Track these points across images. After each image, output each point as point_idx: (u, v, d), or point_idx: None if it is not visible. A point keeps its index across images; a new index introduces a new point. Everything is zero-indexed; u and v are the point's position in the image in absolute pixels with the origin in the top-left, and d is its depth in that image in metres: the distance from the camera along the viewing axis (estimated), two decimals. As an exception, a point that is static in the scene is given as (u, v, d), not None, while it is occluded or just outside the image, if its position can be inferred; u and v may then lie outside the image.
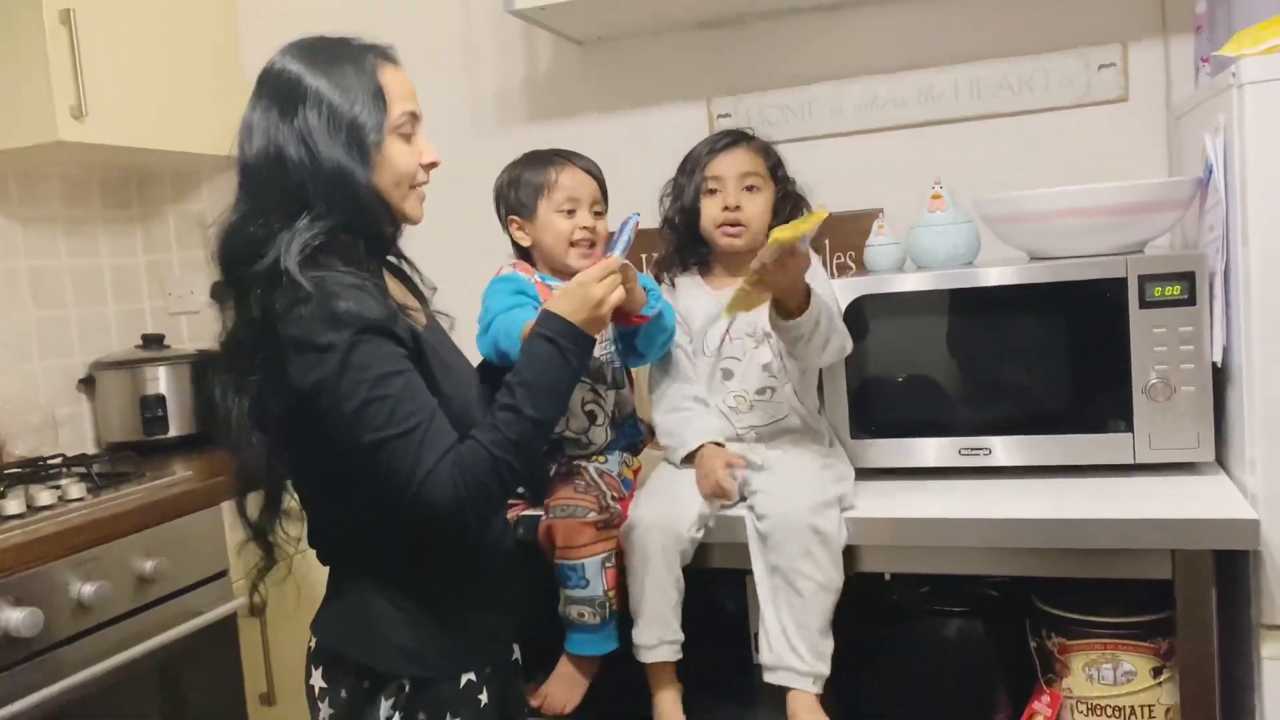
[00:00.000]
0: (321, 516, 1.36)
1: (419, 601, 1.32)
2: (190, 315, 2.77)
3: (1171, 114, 2.03)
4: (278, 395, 1.24)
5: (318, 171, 1.25)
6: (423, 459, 1.20)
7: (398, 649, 1.30)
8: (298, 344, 1.20)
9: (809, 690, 1.57)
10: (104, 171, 2.68)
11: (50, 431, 2.32)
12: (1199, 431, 1.60)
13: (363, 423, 1.20)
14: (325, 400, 1.20)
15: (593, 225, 1.72)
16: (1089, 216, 1.65)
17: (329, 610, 1.38)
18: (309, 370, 1.20)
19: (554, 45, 2.43)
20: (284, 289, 1.21)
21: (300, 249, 1.23)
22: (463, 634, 1.35)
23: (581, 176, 1.75)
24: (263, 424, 1.27)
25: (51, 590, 1.64)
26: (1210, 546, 1.43)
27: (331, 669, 1.35)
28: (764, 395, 1.73)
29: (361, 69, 1.30)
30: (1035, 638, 1.69)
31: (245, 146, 1.30)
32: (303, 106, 1.26)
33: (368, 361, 1.20)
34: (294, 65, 1.30)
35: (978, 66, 2.15)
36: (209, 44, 2.56)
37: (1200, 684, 1.45)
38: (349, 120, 1.26)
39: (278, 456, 1.30)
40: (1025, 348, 1.70)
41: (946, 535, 1.54)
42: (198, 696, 1.90)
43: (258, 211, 1.27)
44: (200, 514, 1.94)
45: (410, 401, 1.22)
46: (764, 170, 1.76)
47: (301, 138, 1.25)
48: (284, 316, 1.21)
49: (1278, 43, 1.43)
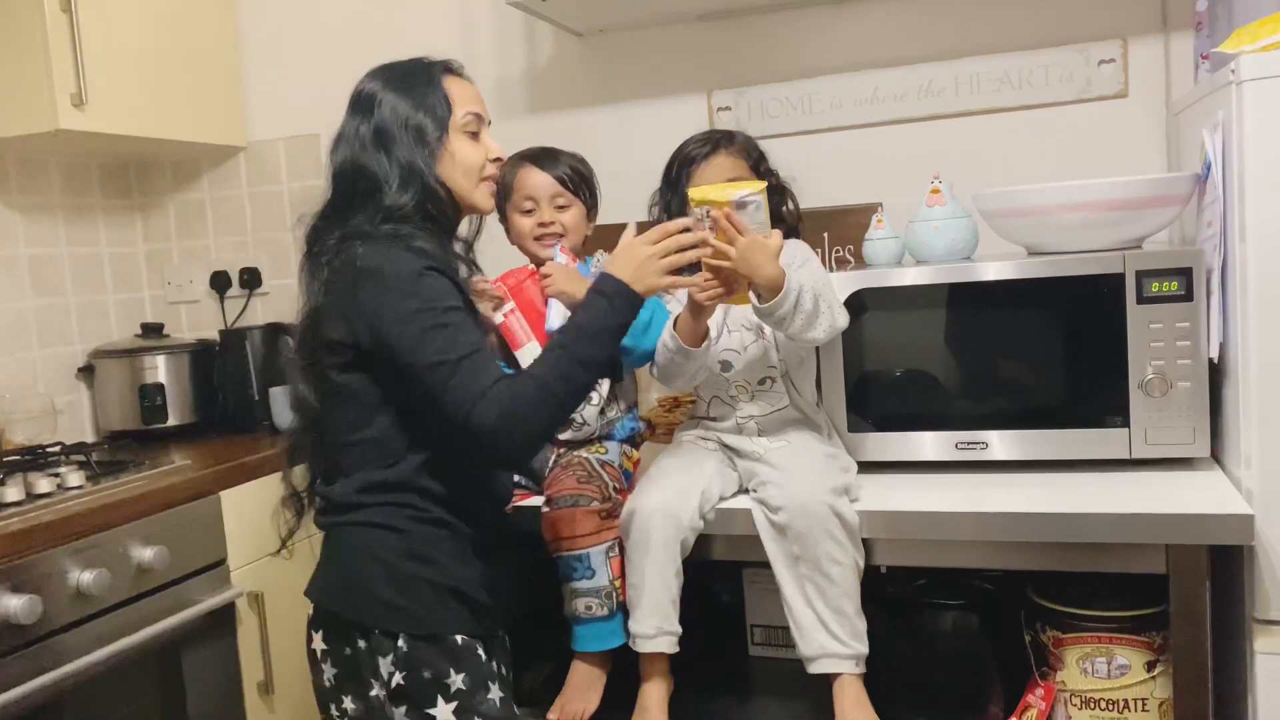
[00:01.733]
0: (341, 458, 1.46)
1: (411, 562, 1.41)
2: (189, 304, 2.77)
3: (1171, 110, 2.03)
4: (343, 319, 1.39)
5: (391, 165, 1.44)
6: (478, 381, 1.33)
7: (385, 604, 1.40)
8: (372, 272, 1.36)
9: (854, 672, 1.56)
10: (104, 160, 2.67)
11: (49, 419, 2.32)
12: (1195, 427, 1.61)
13: (427, 345, 1.34)
14: (391, 322, 1.35)
15: (551, 220, 1.83)
16: (1087, 212, 1.66)
17: (323, 573, 1.49)
18: (380, 294, 1.35)
19: (554, 37, 2.43)
20: (362, 238, 1.40)
21: (376, 218, 1.42)
22: (452, 598, 1.43)
23: (537, 176, 1.83)
24: (318, 357, 1.43)
25: (50, 578, 1.64)
26: (1205, 541, 1.44)
27: (329, 630, 1.47)
28: (764, 385, 1.74)
29: (429, 80, 1.49)
30: (1030, 631, 1.70)
31: (333, 156, 1.50)
32: (377, 113, 1.46)
33: (434, 294, 1.36)
34: (372, 83, 1.50)
35: (978, 61, 2.15)
36: (209, 33, 2.56)
37: (1193, 678, 1.46)
38: (416, 122, 1.46)
39: (321, 389, 1.45)
40: (1023, 342, 1.70)
41: (943, 528, 1.55)
42: (196, 684, 1.91)
43: (344, 203, 1.46)
44: (199, 502, 1.95)
45: (469, 333, 1.38)
46: (747, 170, 1.78)
47: (377, 140, 1.45)
48: (361, 253, 1.37)
49: (1276, 40, 1.43)
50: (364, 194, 1.44)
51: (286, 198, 2.67)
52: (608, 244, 2.27)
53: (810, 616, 1.56)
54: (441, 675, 1.39)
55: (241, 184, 2.72)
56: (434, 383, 1.34)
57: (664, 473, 1.69)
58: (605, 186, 1.93)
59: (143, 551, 1.80)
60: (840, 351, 1.76)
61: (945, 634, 1.71)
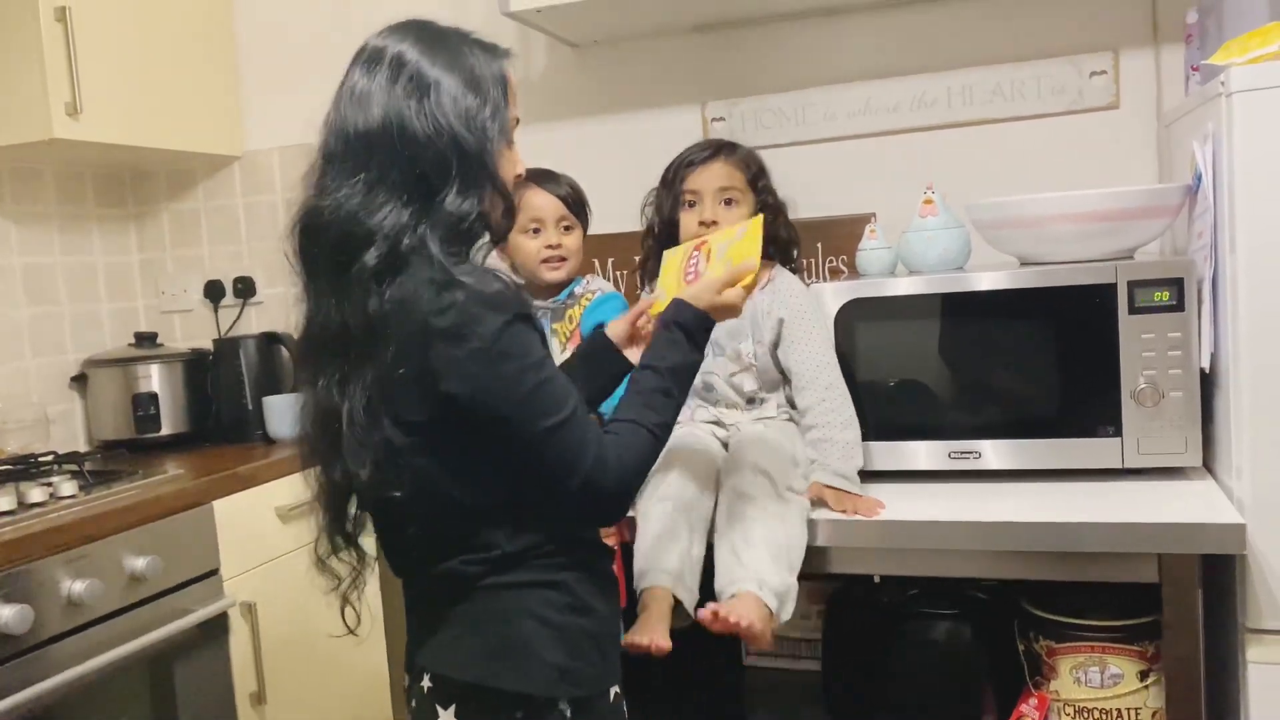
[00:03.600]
0: (446, 529, 1.23)
1: (566, 616, 1.24)
2: (184, 314, 2.77)
3: (1162, 121, 2.05)
4: (420, 390, 1.15)
5: (457, 147, 1.19)
6: (588, 441, 1.19)
7: (555, 669, 1.22)
8: (450, 334, 1.13)
9: (753, 592, 1.44)
10: (98, 169, 2.68)
11: (42, 428, 2.32)
12: (1187, 437, 1.61)
13: (534, 409, 1.16)
14: (486, 391, 1.14)
15: (558, 242, 1.83)
16: (1079, 222, 1.66)
17: (455, 639, 1.25)
18: (465, 361, 1.13)
19: (549, 48, 2.44)
20: (421, 274, 1.14)
21: (444, 232, 1.18)
22: (607, 644, 1.30)
23: (543, 197, 1.83)
24: (389, 423, 1.17)
25: (42, 587, 1.64)
26: (1197, 551, 1.44)
27: (471, 705, 1.23)
28: (737, 379, 1.75)
29: (492, 61, 1.27)
30: (1023, 640, 1.70)
31: (357, 115, 1.20)
32: (436, 89, 1.20)
33: (525, 348, 1.17)
34: (414, 48, 1.22)
35: (970, 73, 2.17)
36: (205, 42, 2.56)
37: (1186, 687, 1.46)
38: (481, 120, 1.22)
39: (404, 460, 1.18)
40: (1015, 352, 1.71)
41: (936, 538, 1.55)
42: (188, 695, 1.90)
43: (382, 188, 1.18)
44: (192, 512, 1.94)
45: (566, 385, 1.20)
46: (742, 183, 1.78)
47: (435, 115, 1.19)
48: (430, 306, 1.13)
49: (1265, 52, 1.44)
50: (406, 175, 1.18)
51: (281, 208, 2.68)
52: (597, 253, 2.28)
53: (726, 548, 1.51)
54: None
55: (236, 193, 2.73)
56: (545, 450, 1.17)
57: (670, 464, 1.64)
58: (599, 197, 1.94)
59: (135, 561, 1.79)
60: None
61: (939, 643, 1.71)
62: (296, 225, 1.23)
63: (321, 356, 1.21)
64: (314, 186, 1.23)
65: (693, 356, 1.35)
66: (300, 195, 1.24)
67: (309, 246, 1.22)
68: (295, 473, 1.37)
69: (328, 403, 1.20)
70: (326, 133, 1.23)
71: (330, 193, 1.19)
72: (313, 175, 1.24)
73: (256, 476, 2.10)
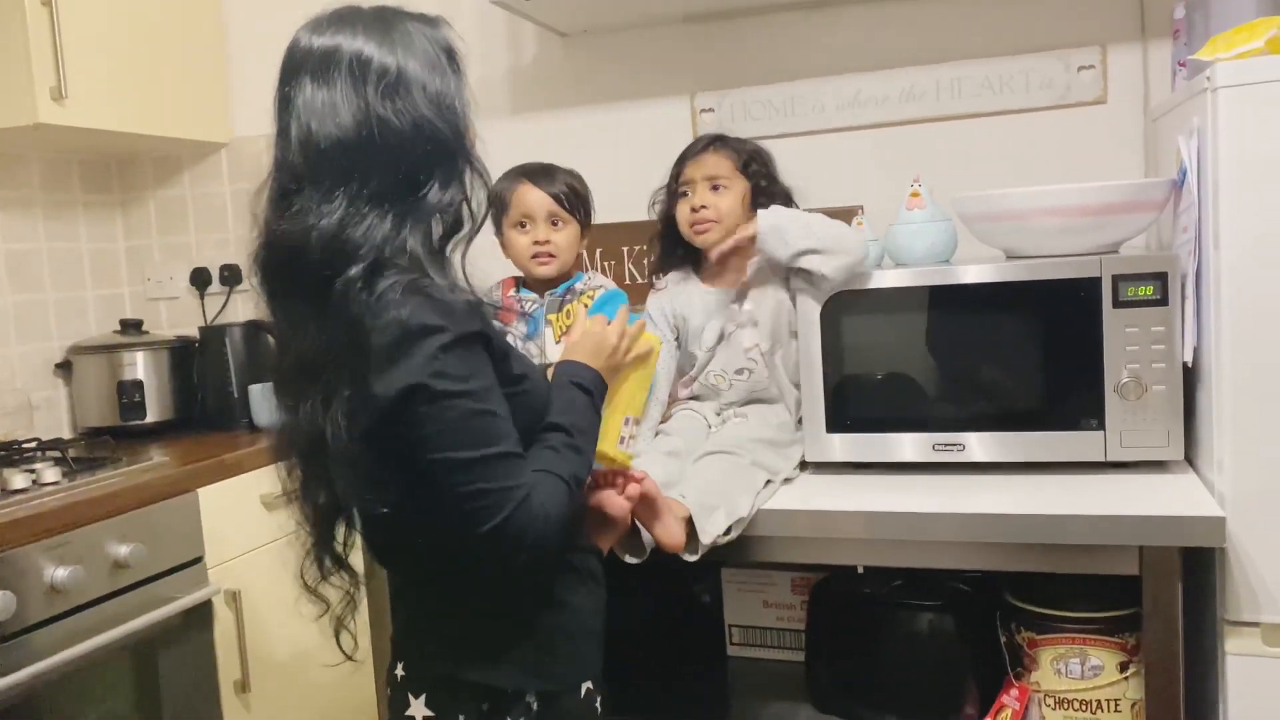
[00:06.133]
0: (417, 536, 1.21)
1: (538, 612, 1.24)
2: (169, 301, 2.76)
3: (1149, 116, 2.05)
4: (360, 401, 1.10)
5: (436, 137, 1.15)
6: (515, 486, 1.12)
7: (525, 664, 1.23)
8: (386, 353, 1.08)
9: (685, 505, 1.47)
10: (84, 155, 2.66)
11: (25, 415, 2.31)
12: (1169, 430, 1.62)
13: (458, 438, 1.10)
14: (413, 412, 1.09)
15: (546, 238, 1.84)
16: (1065, 216, 1.67)
17: (430, 633, 1.28)
18: (396, 378, 1.08)
19: (538, 37, 2.43)
20: (390, 282, 1.09)
21: (426, 228, 1.14)
22: (581, 639, 1.29)
23: (534, 194, 1.84)
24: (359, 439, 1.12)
25: (24, 574, 1.63)
26: (1177, 543, 1.45)
27: (440, 695, 1.24)
28: (741, 375, 1.81)
29: (435, 32, 1.21)
30: (1005, 632, 1.71)
31: (326, 126, 1.13)
32: (403, 82, 1.14)
33: (466, 372, 1.10)
34: (368, 43, 1.15)
35: (959, 66, 2.17)
36: (193, 27, 2.55)
37: (1165, 678, 1.47)
38: (450, 100, 1.18)
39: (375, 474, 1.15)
40: (1000, 345, 1.71)
41: (920, 529, 1.55)
42: (172, 682, 1.90)
43: (363, 199, 1.12)
44: (176, 500, 1.94)
45: (503, 422, 1.14)
46: (731, 170, 1.82)
47: (410, 110, 1.14)
48: (374, 321, 1.09)
49: (1251, 47, 1.45)
50: (389, 180, 1.13)
51: (269, 195, 2.66)
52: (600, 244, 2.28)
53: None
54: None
55: (223, 180, 2.72)
56: (457, 484, 1.11)
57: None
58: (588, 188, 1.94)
59: (119, 548, 1.79)
60: (819, 353, 1.77)
61: (921, 635, 1.72)
62: (264, 253, 1.17)
63: (301, 380, 1.15)
64: (278, 208, 1.15)
65: (592, 418, 1.31)
66: (264, 219, 1.17)
67: (282, 271, 1.16)
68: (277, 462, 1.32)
69: (310, 427, 1.15)
70: (288, 149, 1.15)
71: (306, 213, 1.12)
72: (274, 196, 1.16)
73: (241, 464, 2.10)
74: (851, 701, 1.75)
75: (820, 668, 1.83)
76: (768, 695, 1.85)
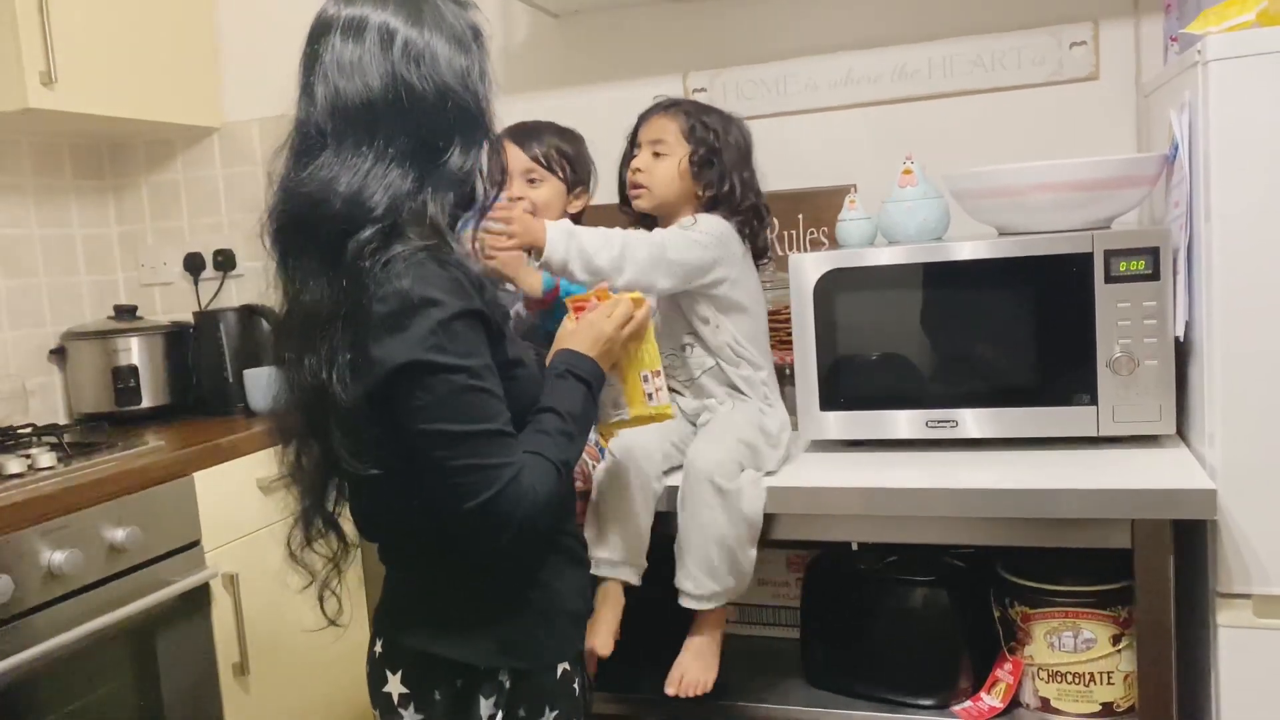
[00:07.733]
0: (404, 506, 1.22)
1: (516, 591, 1.26)
2: (163, 286, 2.75)
3: (1141, 92, 2.05)
4: (360, 364, 1.13)
5: (458, 107, 1.18)
6: (505, 464, 1.14)
7: (499, 642, 1.24)
8: (386, 322, 1.11)
9: (707, 607, 1.63)
10: (75, 140, 2.65)
11: (20, 401, 2.31)
12: (1161, 404, 1.63)
13: (451, 411, 1.12)
14: (410, 381, 1.12)
15: (520, 195, 1.83)
16: (1057, 192, 1.67)
17: (408, 609, 1.29)
18: (395, 348, 1.11)
19: (530, 17, 2.42)
20: (404, 246, 1.12)
21: (445, 194, 1.17)
22: (559, 620, 1.30)
23: (511, 151, 1.84)
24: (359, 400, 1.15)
25: (21, 558, 1.63)
26: (1169, 516, 1.46)
27: (415, 671, 1.27)
28: (680, 351, 1.78)
29: (464, 13, 1.26)
30: (999, 606, 1.72)
31: (353, 86, 1.16)
32: (430, 52, 1.18)
33: (464, 349, 1.13)
34: (395, 16, 1.19)
35: (951, 44, 2.16)
36: (184, 10, 2.53)
37: (1157, 650, 1.49)
38: (475, 67, 1.22)
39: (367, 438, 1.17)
40: (993, 321, 1.72)
41: (914, 505, 1.56)
42: (170, 666, 1.91)
43: (386, 159, 1.15)
44: (173, 483, 1.94)
45: (497, 400, 1.16)
46: (675, 135, 1.77)
47: (434, 78, 1.17)
48: (376, 289, 1.12)
49: (1242, 20, 1.45)
50: (413, 140, 1.16)
51: (263, 179, 2.63)
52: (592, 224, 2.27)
53: (679, 555, 1.63)
54: (537, 714, 1.26)
55: (216, 165, 2.71)
56: (450, 459, 1.13)
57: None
58: (580, 167, 1.93)
59: (115, 532, 1.79)
60: (813, 330, 1.77)
61: (916, 610, 1.72)
62: (281, 209, 1.20)
63: (308, 334, 1.17)
64: (300, 165, 1.18)
65: (588, 407, 1.33)
66: (282, 174, 1.20)
67: (299, 227, 1.18)
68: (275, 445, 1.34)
69: (314, 380, 1.16)
70: (312, 108, 1.18)
71: (330, 168, 1.15)
72: (295, 153, 1.19)
73: (237, 448, 2.09)
74: (847, 677, 1.76)
75: (815, 644, 1.83)
76: (762, 672, 1.86)
